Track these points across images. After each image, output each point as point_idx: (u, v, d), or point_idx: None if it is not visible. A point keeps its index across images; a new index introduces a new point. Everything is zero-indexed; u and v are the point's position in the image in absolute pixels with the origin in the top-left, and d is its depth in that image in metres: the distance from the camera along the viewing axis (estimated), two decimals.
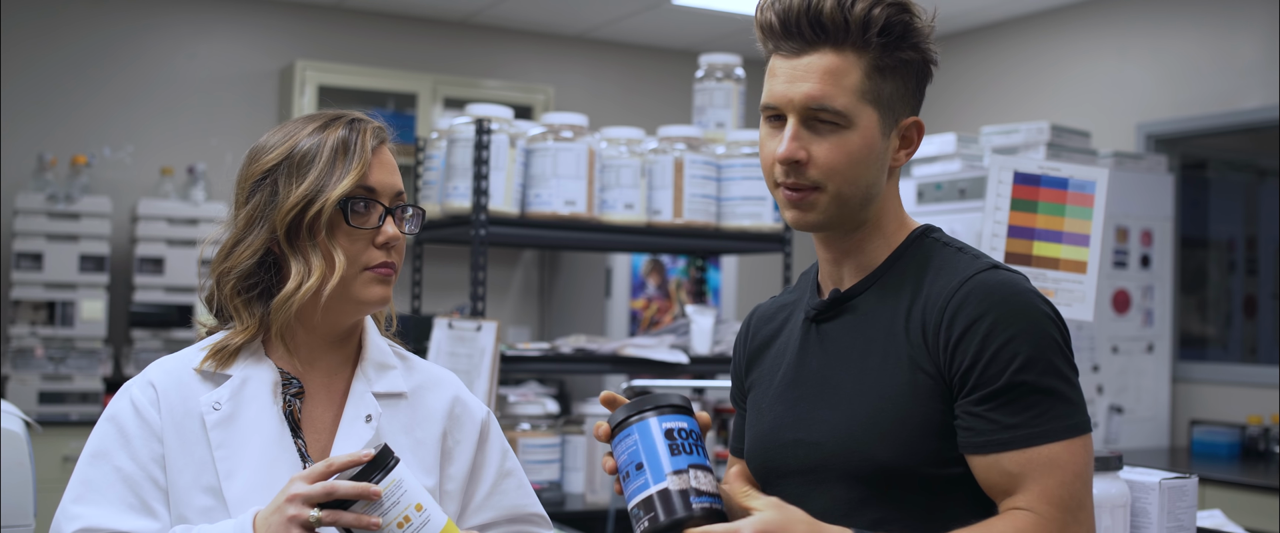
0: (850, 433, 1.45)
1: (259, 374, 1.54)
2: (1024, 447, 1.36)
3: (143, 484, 1.48)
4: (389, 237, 1.53)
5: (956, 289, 1.42)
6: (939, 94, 5.98)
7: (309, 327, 1.56)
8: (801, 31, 1.43)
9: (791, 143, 1.43)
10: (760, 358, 1.63)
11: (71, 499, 1.49)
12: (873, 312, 1.49)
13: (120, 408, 1.53)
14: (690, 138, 3.50)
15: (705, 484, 1.35)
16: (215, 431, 1.49)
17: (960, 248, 1.50)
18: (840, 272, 1.54)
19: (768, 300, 1.71)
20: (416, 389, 1.63)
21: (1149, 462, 3.98)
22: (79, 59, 5.31)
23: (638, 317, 5.40)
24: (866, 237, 1.50)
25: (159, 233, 5.02)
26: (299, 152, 1.53)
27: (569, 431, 3.49)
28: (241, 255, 1.53)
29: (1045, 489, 1.36)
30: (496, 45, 6.09)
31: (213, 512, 1.46)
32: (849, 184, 1.45)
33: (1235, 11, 4.90)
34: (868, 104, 1.44)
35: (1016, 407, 1.37)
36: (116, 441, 1.51)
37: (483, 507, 1.63)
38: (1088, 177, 2.01)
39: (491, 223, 3.22)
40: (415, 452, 1.58)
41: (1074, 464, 1.37)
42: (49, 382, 4.77)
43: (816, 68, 1.43)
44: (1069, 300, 1.97)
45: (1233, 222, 5.68)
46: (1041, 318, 1.40)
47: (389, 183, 1.55)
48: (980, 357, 1.38)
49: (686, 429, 1.38)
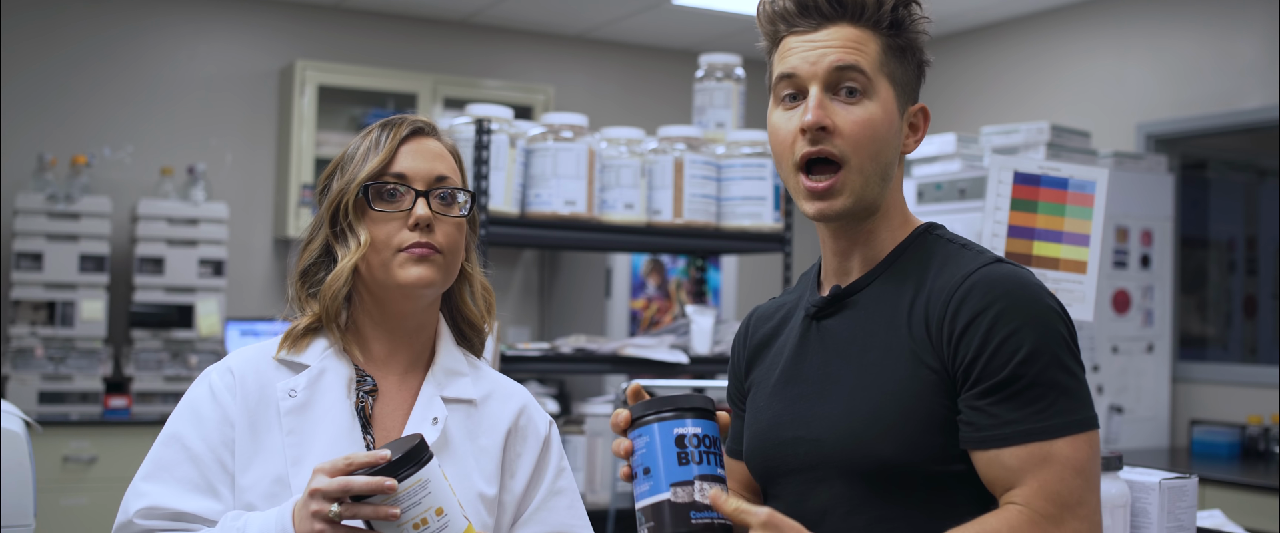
0: (851, 429, 1.44)
1: (336, 368, 1.60)
2: (1025, 442, 1.35)
3: (210, 466, 1.53)
4: (418, 217, 1.57)
5: (961, 282, 1.41)
6: (939, 94, 5.99)
7: (372, 319, 1.63)
8: (819, 8, 1.47)
9: (818, 110, 1.44)
10: (759, 358, 1.63)
11: (142, 476, 1.55)
12: (874, 307, 1.48)
13: (198, 392, 1.60)
14: (690, 138, 3.50)
15: (710, 497, 1.33)
16: (288, 417, 1.55)
17: (964, 244, 1.50)
18: (847, 264, 1.53)
19: (767, 301, 1.71)
20: (485, 397, 1.68)
21: (1149, 462, 3.98)
22: (79, 59, 5.31)
23: (638, 317, 5.40)
24: (876, 227, 1.51)
25: (159, 233, 5.02)
26: (346, 155, 1.64)
27: (569, 431, 3.49)
28: (308, 253, 1.64)
29: (1043, 484, 1.34)
30: (496, 45, 6.09)
31: (278, 497, 1.51)
32: (871, 160, 1.46)
33: (1235, 11, 4.90)
34: (885, 78, 1.47)
35: (1019, 401, 1.36)
36: (190, 422, 1.57)
37: (529, 522, 1.65)
38: (1088, 177, 2.01)
39: (491, 223, 3.22)
40: (477, 459, 1.62)
41: (1075, 460, 1.35)
42: (49, 382, 4.78)
43: (838, 38, 1.46)
44: (1069, 300, 1.97)
45: (1233, 222, 5.68)
46: (1047, 312, 1.39)
47: (424, 168, 1.61)
48: (984, 350, 1.37)
49: (701, 436, 1.36)
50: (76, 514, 4.56)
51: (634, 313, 5.40)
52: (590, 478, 3.38)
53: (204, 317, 5.03)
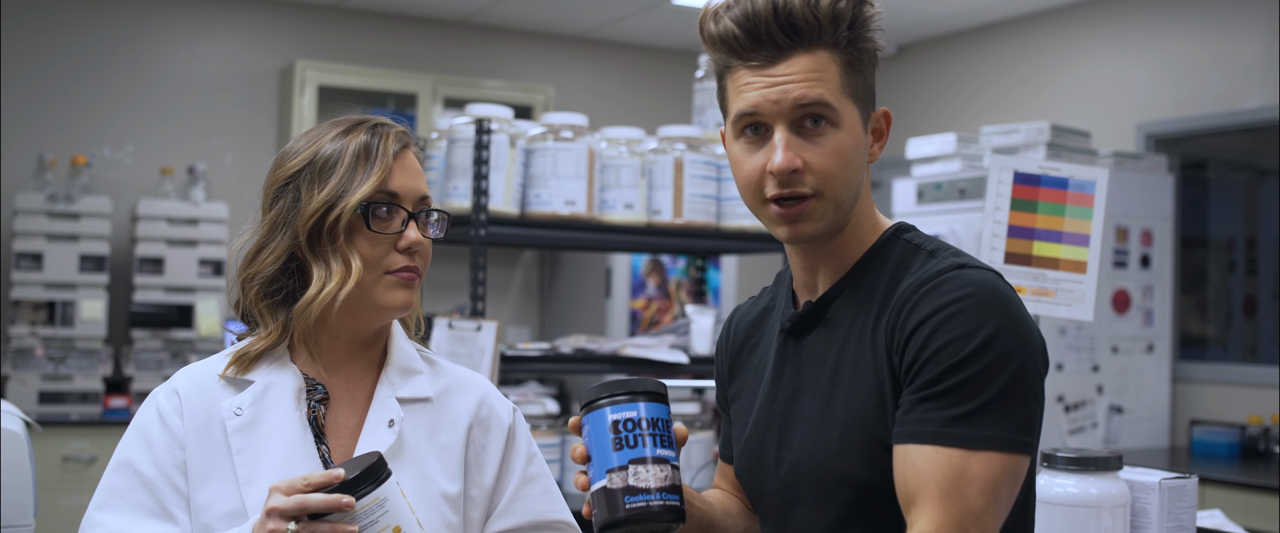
0: (826, 449, 1.40)
1: (283, 380, 1.54)
2: (940, 445, 1.28)
3: (164, 490, 1.49)
4: (411, 242, 1.53)
5: (917, 287, 1.35)
6: (939, 94, 5.99)
7: (333, 332, 1.56)
8: (773, 38, 1.36)
9: (787, 152, 1.36)
10: (742, 367, 1.59)
11: (95, 506, 1.51)
12: (845, 322, 1.44)
13: (146, 416, 1.55)
14: (690, 138, 3.50)
15: (647, 480, 1.31)
16: (236, 436, 1.50)
17: (933, 250, 1.43)
18: (814, 278, 1.48)
19: (746, 302, 1.66)
20: (442, 393, 1.62)
21: (1149, 462, 3.98)
22: (79, 59, 5.31)
23: (638, 317, 5.40)
24: (844, 239, 1.45)
25: (159, 233, 5.02)
26: (321, 157, 1.53)
27: (569, 431, 3.49)
28: (265, 261, 1.54)
29: (948, 510, 1.26)
30: (496, 45, 6.09)
31: (235, 517, 1.47)
32: (843, 186, 1.39)
33: (1235, 11, 4.90)
34: (849, 99, 1.39)
35: (944, 401, 1.29)
36: (140, 447, 1.52)
37: (505, 512, 1.61)
38: (1088, 177, 2.01)
39: (491, 223, 3.22)
40: (439, 457, 1.57)
41: (981, 480, 1.27)
42: (49, 382, 4.78)
43: (797, 70, 1.36)
44: (1069, 300, 1.97)
45: (1233, 222, 5.68)
46: (1007, 317, 1.32)
47: (412, 187, 1.55)
48: (925, 348, 1.31)
49: (636, 419, 1.33)
50: (76, 514, 4.54)
51: (634, 313, 5.40)
52: None
53: (204, 317, 5.03)
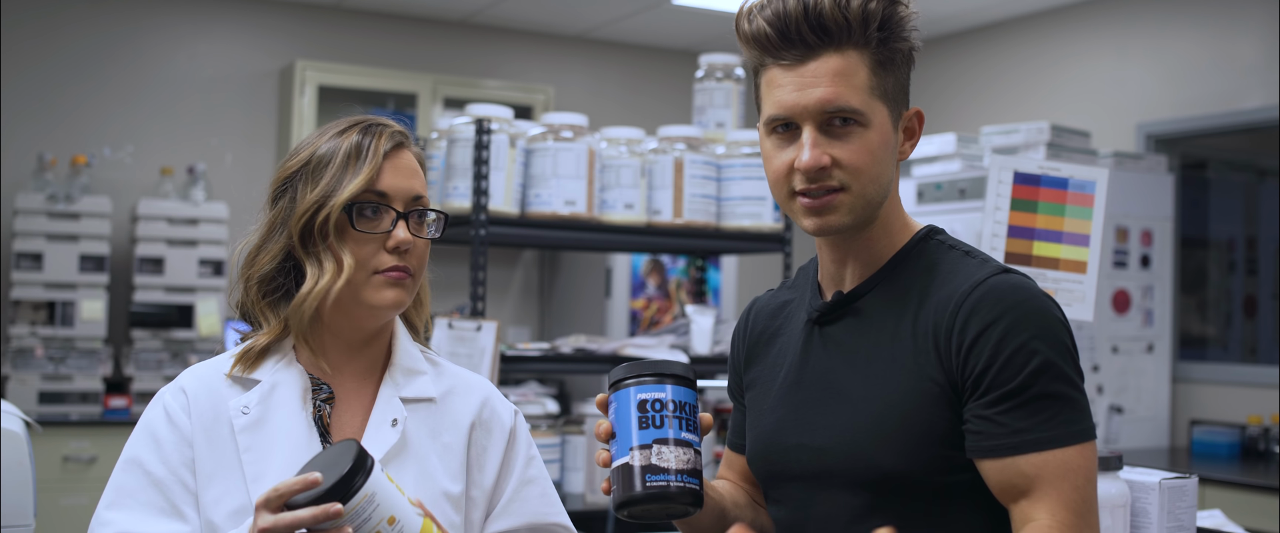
0: (853, 438, 1.44)
1: (289, 379, 1.56)
2: (1039, 450, 1.36)
3: (173, 489, 1.50)
4: (399, 241, 1.54)
5: (969, 293, 1.40)
6: (939, 94, 5.99)
7: (333, 331, 1.58)
8: (803, 37, 1.41)
9: (814, 150, 1.41)
10: (760, 355, 1.62)
11: (105, 505, 1.51)
12: (877, 315, 1.47)
13: (153, 415, 1.56)
14: (690, 138, 3.50)
15: (668, 461, 1.34)
16: (243, 435, 1.52)
17: (967, 251, 1.49)
18: (843, 272, 1.52)
19: (765, 294, 1.69)
20: (445, 394, 1.64)
21: (1149, 462, 3.98)
22: (79, 59, 5.31)
23: (638, 317, 5.40)
24: (873, 235, 1.49)
25: (159, 233, 5.02)
26: (317, 157, 1.56)
27: (569, 431, 3.49)
28: (263, 260, 1.56)
29: (1062, 495, 1.35)
30: (496, 45, 6.09)
31: (242, 514, 1.48)
32: (872, 183, 1.43)
33: (1235, 11, 4.90)
34: (878, 100, 1.43)
35: (1029, 410, 1.36)
36: (148, 446, 1.53)
37: (503, 514, 1.63)
38: (1088, 177, 2.01)
39: (491, 223, 3.22)
40: (441, 457, 1.59)
41: (1086, 468, 1.37)
42: (49, 382, 4.78)
43: (825, 71, 1.41)
44: (1069, 300, 1.97)
45: (1233, 222, 5.68)
46: (1055, 323, 1.40)
47: (404, 186, 1.56)
48: (995, 360, 1.37)
49: (664, 401, 1.36)
50: (76, 514, 4.56)
51: (634, 313, 5.40)
52: (590, 478, 3.38)
53: (204, 317, 5.03)
